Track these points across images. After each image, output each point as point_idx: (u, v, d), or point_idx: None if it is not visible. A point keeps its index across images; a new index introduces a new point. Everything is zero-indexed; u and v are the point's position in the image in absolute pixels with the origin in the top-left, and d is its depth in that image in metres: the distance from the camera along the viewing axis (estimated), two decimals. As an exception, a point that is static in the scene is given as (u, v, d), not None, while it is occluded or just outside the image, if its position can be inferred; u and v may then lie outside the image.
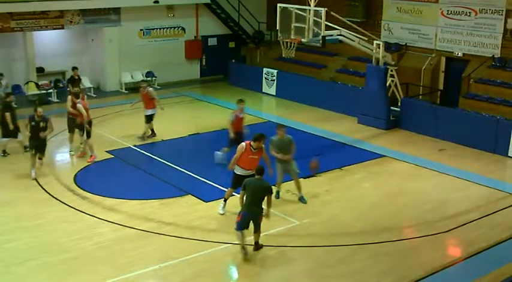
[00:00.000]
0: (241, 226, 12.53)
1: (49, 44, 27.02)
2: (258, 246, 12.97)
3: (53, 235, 13.56)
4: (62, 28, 26.57)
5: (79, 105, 18.25)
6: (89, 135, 18.47)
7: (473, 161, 19.12)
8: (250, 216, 12.55)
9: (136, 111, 21.68)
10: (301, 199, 15.68)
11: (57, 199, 15.57)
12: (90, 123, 18.63)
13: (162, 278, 12.03)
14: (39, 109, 17.08)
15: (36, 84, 26.07)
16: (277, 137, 15.45)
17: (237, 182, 14.02)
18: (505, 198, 16.12)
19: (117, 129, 21.85)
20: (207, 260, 12.68)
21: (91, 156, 18.45)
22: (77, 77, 23.30)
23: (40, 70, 26.84)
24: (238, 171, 14.31)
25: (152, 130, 20.95)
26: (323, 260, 12.76)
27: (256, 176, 12.83)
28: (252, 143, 14.15)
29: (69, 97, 19.18)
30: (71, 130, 19.18)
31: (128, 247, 13.09)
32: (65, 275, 11.91)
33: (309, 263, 12.65)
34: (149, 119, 20.64)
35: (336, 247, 13.29)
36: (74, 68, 23.46)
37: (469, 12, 23.36)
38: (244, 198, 12.68)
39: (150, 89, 21.06)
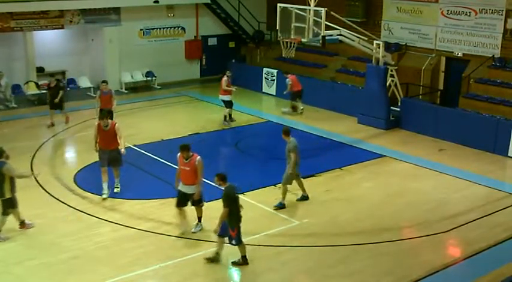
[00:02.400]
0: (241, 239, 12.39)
1: (49, 43, 27.00)
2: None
3: (52, 235, 13.56)
4: (62, 28, 26.55)
5: None
6: None
7: (473, 160, 19.11)
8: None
9: (136, 111, 21.71)
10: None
11: (57, 199, 15.57)
12: None
13: (162, 278, 12.04)
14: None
15: (36, 83, 26.05)
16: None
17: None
18: (504, 198, 16.12)
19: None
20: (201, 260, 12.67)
21: None
22: (53, 85, 22.24)
23: (40, 70, 26.82)
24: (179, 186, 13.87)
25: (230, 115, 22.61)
26: (323, 260, 12.76)
27: (231, 184, 12.44)
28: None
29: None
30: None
31: (128, 247, 13.09)
32: (64, 275, 11.91)
33: (309, 263, 12.65)
34: (229, 104, 22.46)
35: (335, 247, 13.29)
36: (52, 75, 22.46)
37: (469, 12, 23.36)
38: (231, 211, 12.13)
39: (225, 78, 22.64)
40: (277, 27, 21.57)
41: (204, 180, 13.93)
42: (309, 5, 20.51)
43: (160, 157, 18.82)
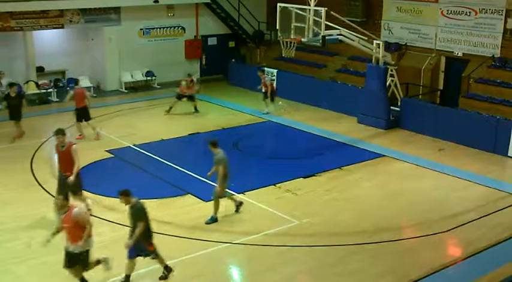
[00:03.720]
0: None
1: (49, 43, 27.01)
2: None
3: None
4: (62, 27, 26.55)
5: None
6: None
7: (473, 160, 19.11)
8: None
9: (136, 111, 21.70)
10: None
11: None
12: None
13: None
14: None
15: (36, 83, 26.07)
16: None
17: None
18: (504, 198, 16.12)
19: (116, 129, 21.83)
20: (207, 259, 12.68)
21: None
22: (14, 94, 19.99)
23: (40, 69, 26.82)
24: None
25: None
26: (323, 259, 12.75)
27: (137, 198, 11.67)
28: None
29: None
30: None
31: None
32: (65, 275, 11.87)
33: (309, 262, 12.65)
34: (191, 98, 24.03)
35: (335, 247, 13.29)
36: (12, 85, 20.35)
37: (469, 12, 23.35)
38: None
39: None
40: (277, 27, 21.57)
41: (204, 180, 13.86)
42: (309, 5, 20.50)
43: (160, 156, 18.81)
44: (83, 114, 20.30)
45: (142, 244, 11.47)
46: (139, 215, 11.37)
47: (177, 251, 12.91)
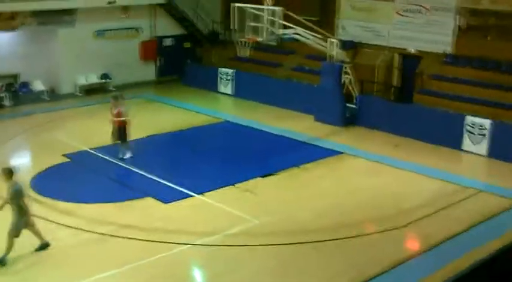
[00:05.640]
0: None
1: (1, 46, 26.48)
2: None
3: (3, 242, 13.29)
4: (14, 30, 26.06)
5: None
6: None
7: (429, 155, 19.43)
8: None
9: (92, 114, 21.45)
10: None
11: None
12: None
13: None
14: None
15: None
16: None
17: None
18: (459, 192, 16.42)
19: (72, 133, 21.57)
20: (168, 261, 12.61)
21: None
22: None
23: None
24: None
25: None
26: (284, 258, 12.81)
27: None
28: None
29: None
30: None
31: (86, 251, 12.93)
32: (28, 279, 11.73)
33: (270, 261, 12.68)
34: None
35: (296, 245, 13.35)
36: None
37: (422, 10, 23.69)
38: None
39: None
40: (233, 27, 21.58)
41: (163, 181, 13.79)
42: (266, 5, 20.56)
43: (116, 159, 18.61)
44: None
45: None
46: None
47: (138, 253, 12.82)
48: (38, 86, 26.56)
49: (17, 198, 12.13)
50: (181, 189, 16.04)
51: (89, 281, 11.76)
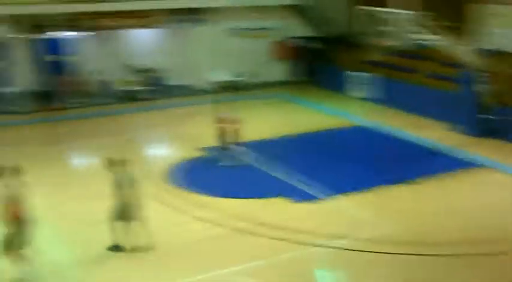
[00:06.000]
0: None
1: (142, 42, 27.64)
2: None
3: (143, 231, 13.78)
4: (153, 27, 27.10)
5: None
6: None
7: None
8: None
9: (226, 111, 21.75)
10: None
11: (152, 194, 15.87)
12: None
13: (253, 278, 12.02)
14: None
15: (127, 81, 26.71)
16: None
17: None
18: None
19: (207, 127, 21.97)
20: (296, 261, 12.59)
21: None
22: None
23: (132, 68, 27.47)
24: None
25: None
26: (412, 269, 12.39)
27: None
28: None
29: None
30: None
31: (217, 245, 13.18)
32: (156, 269, 12.08)
33: (398, 271, 12.30)
34: None
35: (425, 256, 12.83)
36: None
37: None
38: None
39: None
40: (367, 30, 21.31)
41: (297, 182, 13.72)
42: (401, 9, 20.18)
43: (254, 157, 18.86)
44: None
45: None
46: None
47: (267, 251, 12.90)
48: (175, 81, 27.44)
49: (121, 188, 12.38)
50: (312, 190, 16.00)
51: (217, 274, 11.96)
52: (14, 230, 11.36)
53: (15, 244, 11.40)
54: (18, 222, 11.36)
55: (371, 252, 13.03)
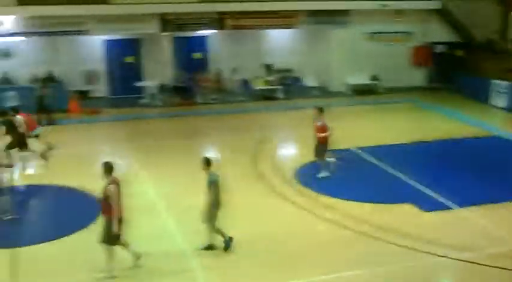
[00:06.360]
0: None
1: (278, 42, 28.08)
2: None
3: (269, 228, 14.03)
4: (292, 28, 27.43)
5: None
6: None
7: None
8: None
9: (359, 114, 21.73)
10: None
11: (279, 192, 16.16)
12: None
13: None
14: None
15: (265, 80, 27.22)
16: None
17: None
18: None
19: (341, 130, 21.81)
20: (420, 270, 12.33)
21: None
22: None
23: (268, 67, 27.98)
24: None
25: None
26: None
27: None
28: None
29: None
30: None
31: (340, 247, 13.15)
32: (278, 268, 12.26)
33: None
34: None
35: None
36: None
37: None
38: None
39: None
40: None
41: (426, 190, 13.34)
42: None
43: (381, 161, 18.71)
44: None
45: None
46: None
47: (390, 257, 12.71)
48: (310, 81, 27.66)
49: (211, 188, 12.31)
50: (442, 199, 15.62)
51: (338, 276, 11.92)
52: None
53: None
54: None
55: (497, 267, 12.57)
